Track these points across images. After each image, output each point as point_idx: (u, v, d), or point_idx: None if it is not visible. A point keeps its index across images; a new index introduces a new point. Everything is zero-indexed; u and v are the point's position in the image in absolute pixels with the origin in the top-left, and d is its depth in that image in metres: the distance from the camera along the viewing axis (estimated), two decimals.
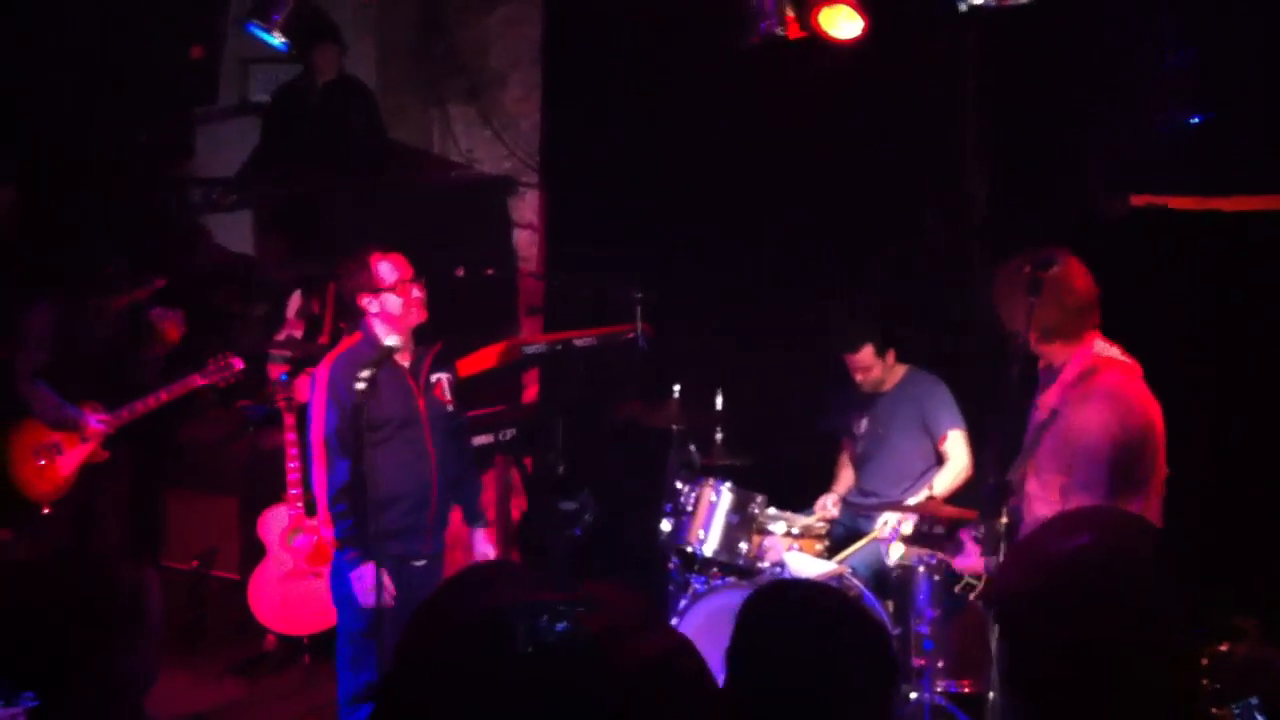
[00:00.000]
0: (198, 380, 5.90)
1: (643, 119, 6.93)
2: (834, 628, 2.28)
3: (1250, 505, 5.39)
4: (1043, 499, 4.06)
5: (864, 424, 5.91)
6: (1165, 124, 5.71)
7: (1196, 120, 5.51)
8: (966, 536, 4.31)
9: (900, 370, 5.88)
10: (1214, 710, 3.36)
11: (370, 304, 4.73)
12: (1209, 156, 5.65)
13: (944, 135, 6.33)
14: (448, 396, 4.92)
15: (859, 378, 5.85)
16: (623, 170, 6.95)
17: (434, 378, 4.87)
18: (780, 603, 2.39)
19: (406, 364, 4.79)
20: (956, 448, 5.71)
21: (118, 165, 7.22)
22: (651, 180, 6.90)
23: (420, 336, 4.85)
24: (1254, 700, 3.19)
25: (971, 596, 4.05)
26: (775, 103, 6.46)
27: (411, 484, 4.74)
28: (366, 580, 4.55)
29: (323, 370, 4.73)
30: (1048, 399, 4.12)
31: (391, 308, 4.72)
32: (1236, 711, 3.21)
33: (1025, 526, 3.99)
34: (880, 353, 5.81)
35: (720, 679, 2.27)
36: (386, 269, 4.74)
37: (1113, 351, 4.11)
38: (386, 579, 4.54)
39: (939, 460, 5.78)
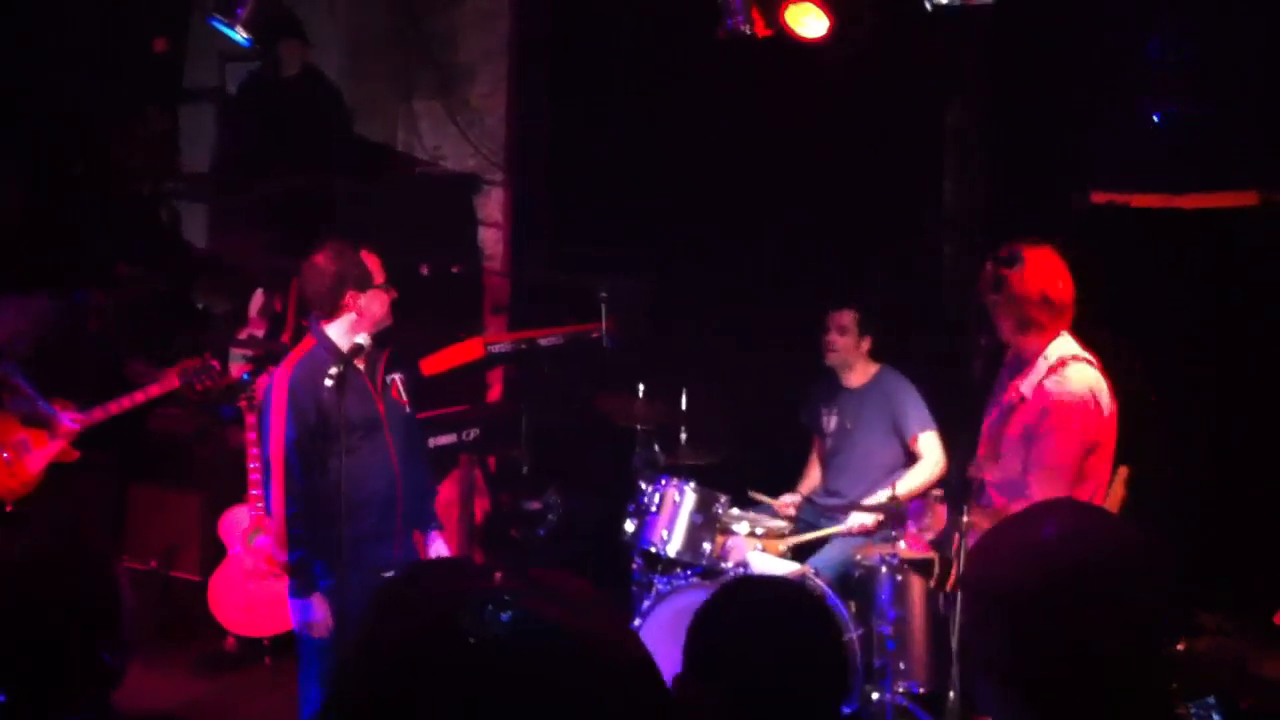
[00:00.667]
0: (175, 382, 5.81)
1: (612, 117, 6.90)
2: (788, 626, 2.26)
3: (1233, 504, 5.40)
4: (1003, 483, 4.09)
5: (833, 421, 5.90)
6: (1142, 121, 5.75)
7: (1158, 118, 5.53)
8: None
9: (873, 367, 5.86)
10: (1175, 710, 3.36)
11: (355, 300, 4.54)
12: (1174, 153, 5.68)
13: (938, 135, 6.33)
14: (404, 397, 4.83)
15: (831, 340, 5.80)
16: (589, 168, 6.92)
17: (389, 378, 4.76)
18: (735, 601, 2.38)
19: (362, 366, 4.65)
20: (929, 447, 5.69)
21: (111, 162, 7.17)
22: (620, 178, 6.87)
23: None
24: (1210, 700, 3.20)
25: (935, 585, 4.05)
26: (750, 99, 6.46)
27: (379, 489, 4.62)
28: (311, 614, 4.45)
29: (281, 379, 4.52)
30: (1016, 384, 4.15)
31: (376, 306, 4.58)
32: (1194, 710, 3.22)
33: (984, 512, 4.02)
34: (861, 325, 5.79)
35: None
36: (376, 266, 4.61)
37: (1078, 347, 4.15)
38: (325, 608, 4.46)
39: (909, 461, 5.76)
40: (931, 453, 5.69)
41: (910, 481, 5.60)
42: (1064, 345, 4.14)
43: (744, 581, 3.07)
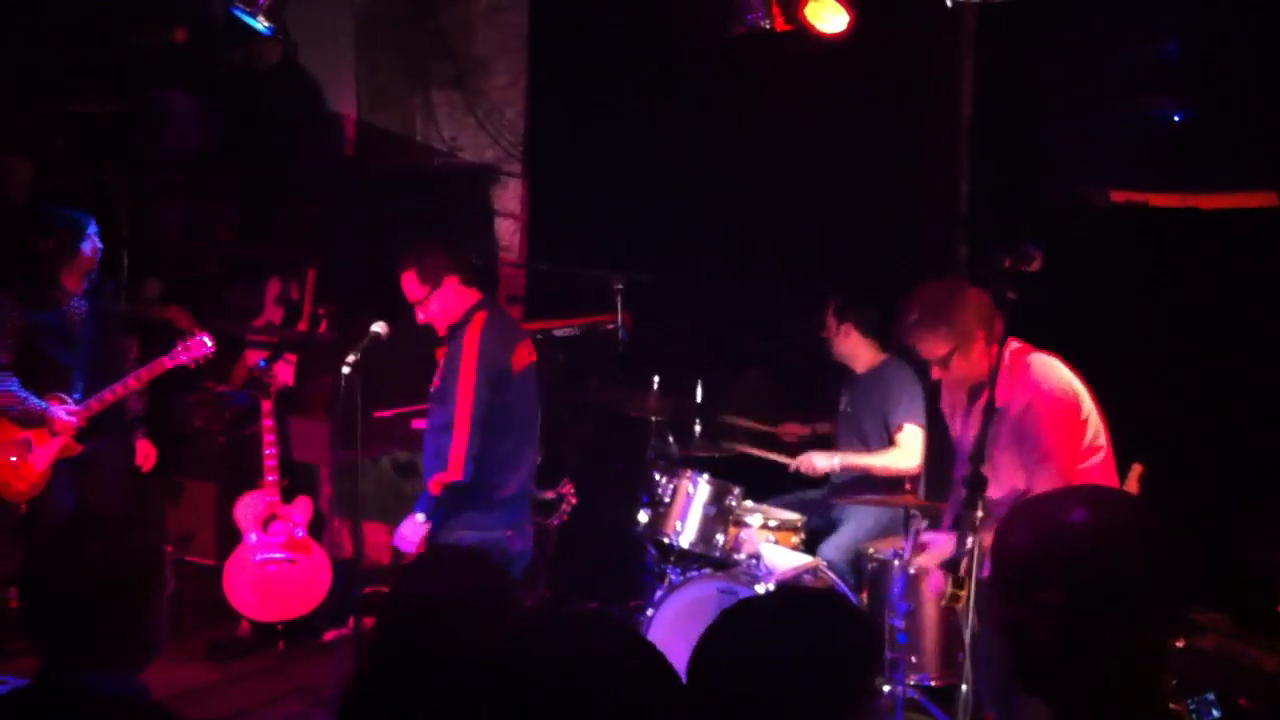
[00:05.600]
0: (166, 363, 5.70)
1: (628, 109, 6.91)
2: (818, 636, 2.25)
3: (1221, 500, 5.41)
4: (1005, 497, 4.16)
5: (841, 402, 5.95)
6: (1152, 119, 5.75)
7: (1179, 118, 5.53)
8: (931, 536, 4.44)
9: (878, 356, 5.87)
10: (1171, 705, 3.39)
11: None
12: (1193, 152, 5.68)
13: (935, 129, 6.33)
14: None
15: (823, 334, 5.94)
16: (607, 160, 6.93)
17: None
18: (759, 610, 2.37)
19: None
20: (906, 439, 5.64)
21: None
22: (635, 171, 6.88)
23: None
24: (1210, 695, 3.21)
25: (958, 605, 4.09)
26: (764, 93, 6.47)
27: None
28: None
29: None
30: (984, 401, 4.17)
31: None
32: (1192, 706, 3.23)
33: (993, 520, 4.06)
34: (838, 317, 5.85)
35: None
36: None
37: (1018, 344, 4.31)
38: None
39: None
40: (905, 444, 5.63)
41: (882, 459, 5.62)
42: (1010, 345, 4.26)
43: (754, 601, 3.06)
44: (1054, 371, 4.24)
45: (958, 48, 6.29)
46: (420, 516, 4.98)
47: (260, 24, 6.17)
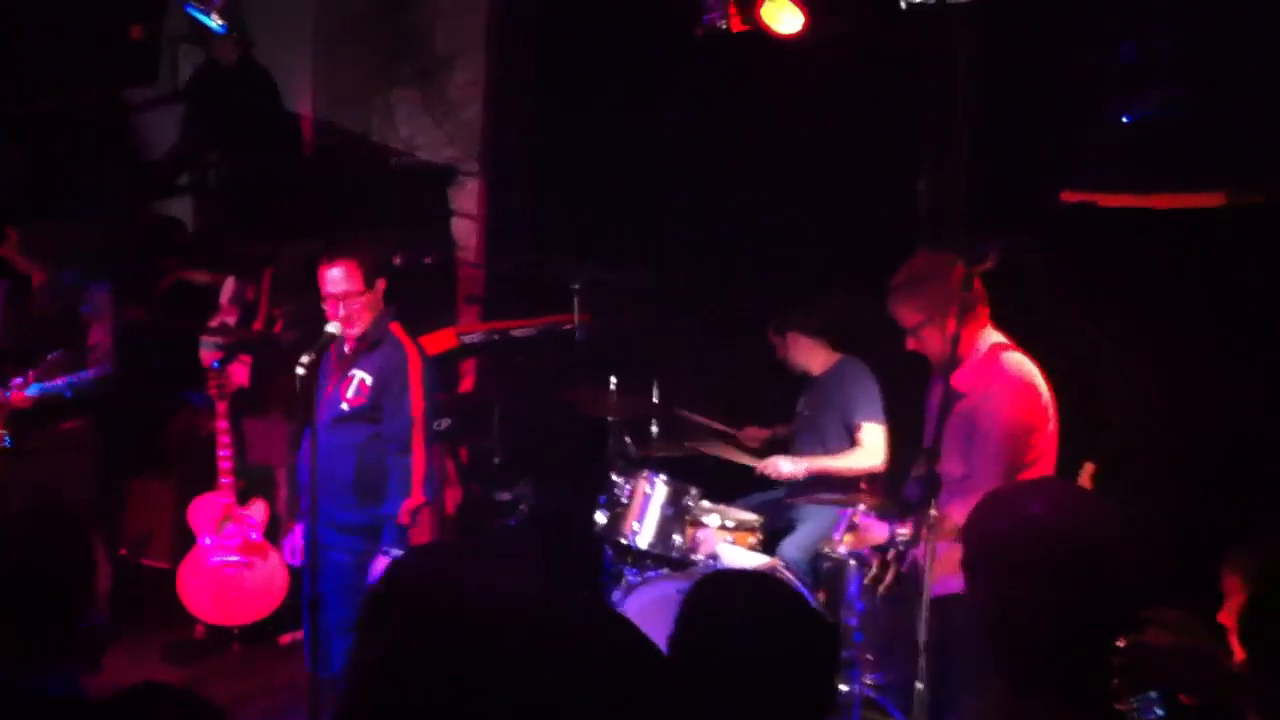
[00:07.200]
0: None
1: (588, 110, 6.90)
2: (782, 624, 2.27)
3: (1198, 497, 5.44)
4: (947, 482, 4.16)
5: (800, 404, 5.97)
6: (1110, 119, 5.78)
7: (1128, 119, 5.57)
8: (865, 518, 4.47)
9: (833, 358, 5.89)
10: (1118, 706, 3.40)
11: None
12: (1150, 152, 5.71)
13: (913, 134, 6.35)
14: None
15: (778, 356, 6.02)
16: (565, 161, 6.92)
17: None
18: (726, 595, 2.39)
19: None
20: (868, 438, 5.68)
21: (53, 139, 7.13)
22: (593, 172, 6.87)
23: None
24: (1154, 694, 3.22)
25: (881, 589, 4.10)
26: (725, 95, 6.48)
27: None
28: None
29: None
30: (951, 381, 4.14)
31: None
32: (1136, 705, 3.23)
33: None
34: (779, 332, 5.95)
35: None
36: None
37: (1003, 338, 4.23)
38: None
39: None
40: (868, 444, 5.68)
41: (845, 459, 5.65)
42: (992, 336, 4.21)
43: (725, 575, 3.09)
44: (1027, 373, 4.14)
45: (920, 50, 6.32)
46: (398, 553, 4.65)
47: (214, 22, 6.16)
